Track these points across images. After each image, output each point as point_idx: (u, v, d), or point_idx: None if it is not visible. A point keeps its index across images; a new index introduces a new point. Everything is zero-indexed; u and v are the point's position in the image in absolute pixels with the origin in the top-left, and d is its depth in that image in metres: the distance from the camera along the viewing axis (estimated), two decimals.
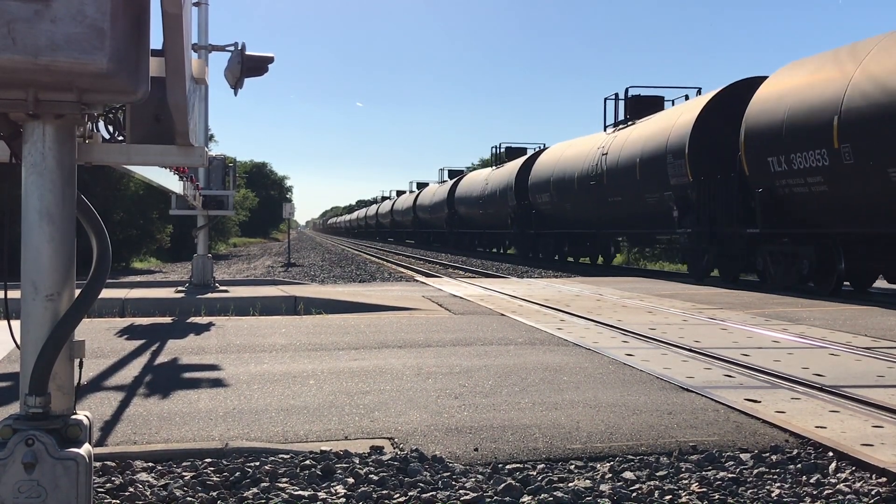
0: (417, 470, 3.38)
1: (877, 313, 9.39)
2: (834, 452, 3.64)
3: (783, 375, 5.41)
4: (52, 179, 2.40)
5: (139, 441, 3.82)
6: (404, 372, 5.53)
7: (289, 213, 32.88)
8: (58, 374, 2.45)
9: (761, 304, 10.48)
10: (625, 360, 6.06)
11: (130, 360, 6.08)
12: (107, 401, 4.65)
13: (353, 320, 8.50)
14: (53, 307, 2.42)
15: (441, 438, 3.88)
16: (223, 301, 10.49)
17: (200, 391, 4.91)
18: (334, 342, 6.93)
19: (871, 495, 3.14)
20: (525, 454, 3.66)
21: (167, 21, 2.32)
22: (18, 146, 2.43)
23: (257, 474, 3.31)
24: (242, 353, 6.37)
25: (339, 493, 3.15)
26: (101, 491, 3.11)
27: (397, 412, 4.38)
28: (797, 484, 3.30)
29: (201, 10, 10.62)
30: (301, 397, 4.74)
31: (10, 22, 2.11)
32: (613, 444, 3.81)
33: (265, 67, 4.78)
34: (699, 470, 3.46)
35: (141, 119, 3.05)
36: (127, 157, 3.06)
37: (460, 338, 7.21)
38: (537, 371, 5.58)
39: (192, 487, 3.19)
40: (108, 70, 2.20)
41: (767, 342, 7.04)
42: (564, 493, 3.15)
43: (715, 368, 5.74)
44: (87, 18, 2.15)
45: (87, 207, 2.69)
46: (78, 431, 2.45)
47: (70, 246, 2.46)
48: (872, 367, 5.80)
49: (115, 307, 9.98)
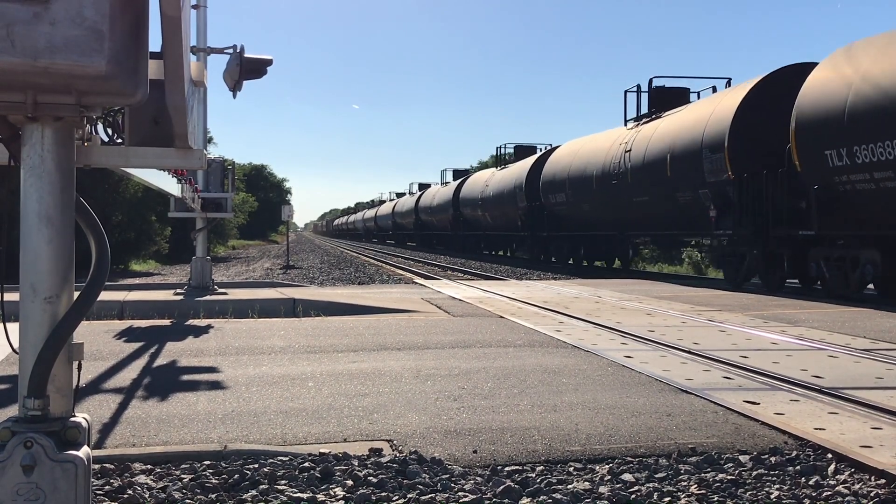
0: (416, 472, 3.38)
1: (875, 315, 9.40)
2: (833, 454, 3.64)
3: (782, 377, 5.42)
4: (50, 182, 2.40)
5: (138, 443, 3.81)
6: (403, 374, 5.53)
7: (287, 216, 32.84)
8: (56, 377, 2.44)
9: (760, 306, 10.49)
10: (624, 362, 6.06)
11: (129, 362, 6.08)
12: (106, 403, 4.64)
13: (352, 322, 8.50)
14: (52, 309, 2.41)
15: (440, 440, 3.88)
16: (222, 303, 10.50)
17: (199, 393, 4.90)
18: (333, 344, 6.93)
19: (871, 497, 3.14)
20: (524, 456, 3.66)
21: (166, 23, 2.32)
22: (17, 149, 2.43)
23: (256, 476, 3.31)
24: (241, 355, 6.37)
25: (338, 495, 3.15)
26: (100, 493, 3.11)
27: (396, 414, 4.38)
28: (796, 486, 3.30)
29: (200, 13, 10.62)
30: (300, 399, 4.74)
31: (8, 24, 2.11)
32: (612, 445, 3.81)
33: (264, 70, 4.79)
34: (698, 472, 3.46)
35: (140, 121, 3.05)
36: (126, 159, 3.06)
37: (459, 340, 7.21)
38: (536, 373, 5.58)
39: (190, 490, 3.19)
40: (107, 72, 2.20)
41: (766, 344, 7.05)
42: (563, 495, 3.15)
43: (714, 370, 5.75)
44: (85, 21, 2.15)
45: (85, 210, 2.69)
46: (77, 434, 2.44)
47: (69, 248, 2.46)
48: (871, 368, 5.81)
49: (114, 309, 9.98)
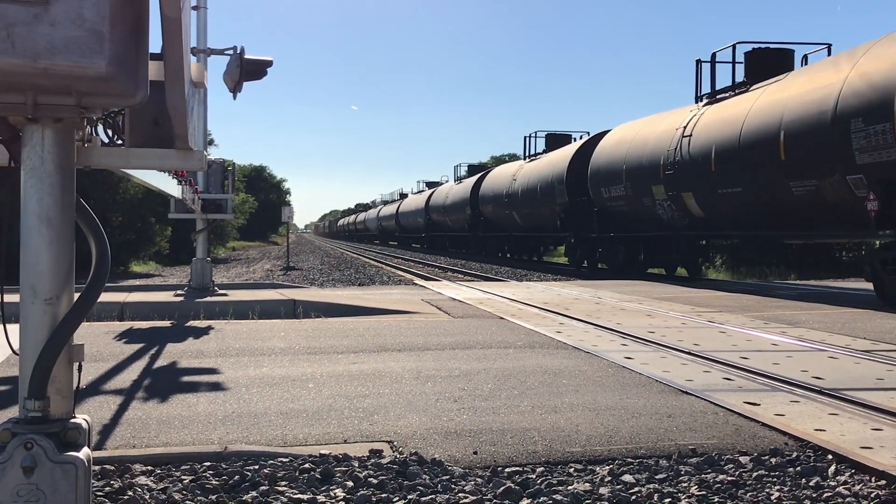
0: (416, 473, 3.38)
1: (876, 316, 9.39)
2: (833, 455, 3.64)
3: (782, 378, 5.41)
4: (51, 183, 2.40)
5: (138, 445, 3.81)
6: (403, 375, 5.53)
7: (287, 217, 32.82)
8: (57, 378, 2.44)
9: (760, 308, 10.48)
10: (624, 363, 6.06)
11: (129, 363, 6.08)
12: (106, 404, 4.64)
13: (352, 324, 8.50)
14: (52, 311, 2.41)
15: (440, 442, 3.88)
16: (222, 305, 10.50)
17: (199, 395, 4.90)
18: (333, 346, 6.93)
19: (871, 498, 3.14)
20: (524, 457, 3.66)
21: (166, 25, 2.32)
22: (17, 150, 2.43)
23: (256, 478, 3.31)
24: (241, 356, 6.37)
25: (339, 496, 3.15)
26: (100, 494, 3.10)
27: (396, 415, 4.37)
28: (796, 487, 3.30)
29: (200, 14, 10.61)
30: (300, 401, 4.73)
31: (9, 25, 2.11)
32: (613, 447, 3.81)
33: (264, 71, 4.78)
34: (698, 473, 3.46)
35: (140, 123, 3.05)
36: (126, 160, 3.06)
37: (459, 341, 7.21)
38: (536, 374, 5.58)
39: (191, 491, 3.19)
40: (107, 73, 2.20)
41: (766, 345, 7.04)
42: (564, 496, 3.14)
43: (714, 371, 5.74)
44: (86, 22, 2.15)
45: (86, 211, 2.69)
46: (77, 435, 2.44)
47: (69, 249, 2.46)
48: (871, 369, 5.80)
49: (114, 311, 9.98)
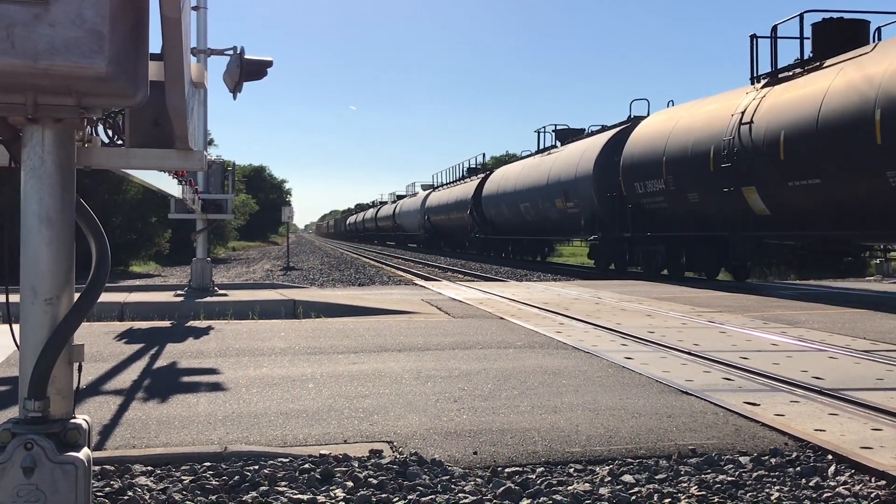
0: (416, 473, 3.38)
1: (875, 316, 9.39)
2: (833, 455, 3.64)
3: (782, 378, 5.41)
4: (51, 183, 2.40)
5: (138, 445, 3.81)
6: (403, 375, 5.53)
7: (288, 217, 32.80)
8: (57, 378, 2.44)
9: (760, 308, 10.48)
10: (624, 363, 6.06)
11: (129, 363, 6.08)
12: (106, 405, 4.64)
13: (352, 324, 8.50)
14: (52, 311, 2.41)
15: (440, 442, 3.88)
16: (222, 305, 10.50)
17: (199, 395, 4.90)
18: (333, 346, 6.93)
19: (871, 498, 3.14)
20: (524, 457, 3.66)
21: (166, 25, 2.32)
22: (17, 150, 2.43)
23: (256, 478, 3.31)
24: (241, 356, 6.37)
25: (339, 496, 3.15)
26: (100, 495, 3.11)
27: (396, 416, 4.38)
28: (796, 487, 3.30)
29: (200, 15, 10.61)
30: (300, 401, 4.74)
31: (9, 26, 2.11)
32: (613, 447, 3.81)
33: (264, 71, 4.78)
34: (698, 473, 3.46)
35: (140, 123, 3.05)
36: (126, 160, 3.06)
37: (459, 341, 7.21)
38: (536, 374, 5.58)
39: (191, 491, 3.19)
40: (107, 74, 2.20)
41: (766, 345, 7.04)
42: (564, 496, 3.15)
43: (714, 372, 5.74)
44: (86, 22, 2.15)
45: (86, 211, 2.69)
46: (77, 435, 2.44)
47: (69, 250, 2.46)
48: (871, 370, 5.80)
49: (114, 311, 9.98)
